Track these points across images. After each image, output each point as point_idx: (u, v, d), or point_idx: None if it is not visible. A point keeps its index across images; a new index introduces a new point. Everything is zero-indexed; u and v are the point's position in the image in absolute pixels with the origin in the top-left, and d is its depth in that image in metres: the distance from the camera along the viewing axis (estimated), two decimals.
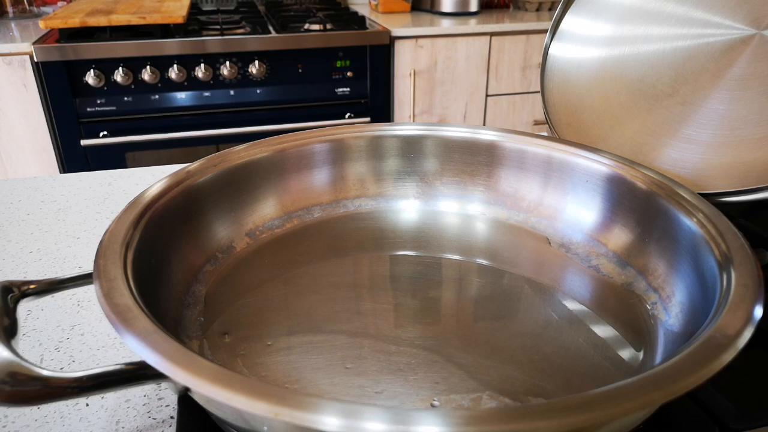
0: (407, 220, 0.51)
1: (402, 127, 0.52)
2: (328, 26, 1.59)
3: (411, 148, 0.52)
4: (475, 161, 0.51)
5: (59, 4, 1.89)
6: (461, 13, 1.83)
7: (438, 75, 1.70)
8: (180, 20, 1.46)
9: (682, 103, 0.47)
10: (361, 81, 1.63)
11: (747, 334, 0.26)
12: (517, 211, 0.50)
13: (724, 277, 0.31)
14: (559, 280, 0.43)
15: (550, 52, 0.57)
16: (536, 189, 0.49)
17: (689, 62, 0.47)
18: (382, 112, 1.69)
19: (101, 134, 1.50)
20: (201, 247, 0.43)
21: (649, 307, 0.39)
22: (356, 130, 0.52)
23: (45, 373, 0.25)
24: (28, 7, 1.82)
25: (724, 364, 0.24)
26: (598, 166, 0.45)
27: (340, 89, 1.63)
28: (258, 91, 1.57)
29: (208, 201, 0.44)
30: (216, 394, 0.22)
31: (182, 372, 0.23)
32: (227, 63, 1.51)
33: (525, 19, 1.77)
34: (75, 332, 0.42)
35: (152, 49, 1.45)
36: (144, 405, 0.36)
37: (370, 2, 2.00)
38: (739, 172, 0.43)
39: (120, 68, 1.45)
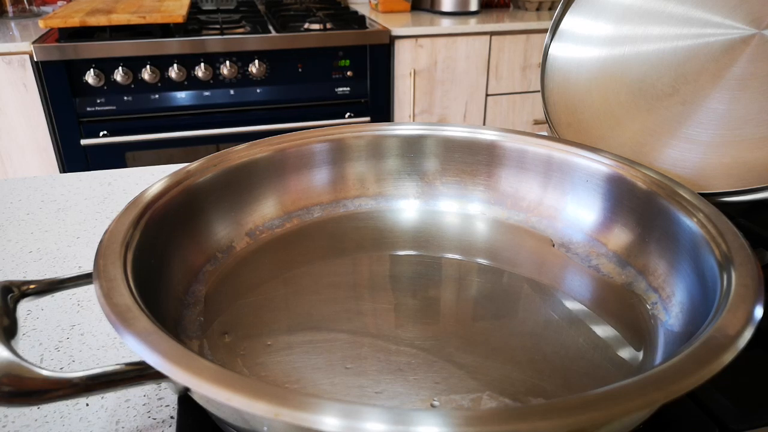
0: (407, 220, 0.51)
1: (402, 127, 0.52)
2: (328, 26, 1.58)
3: (411, 147, 0.52)
4: (475, 161, 0.51)
5: (59, 3, 1.89)
6: (461, 13, 1.83)
7: (438, 75, 1.69)
8: (180, 20, 1.46)
9: (682, 103, 0.47)
10: (361, 80, 1.63)
11: (747, 334, 0.26)
12: (517, 210, 0.50)
13: (725, 277, 0.31)
14: (559, 280, 0.43)
15: (550, 52, 0.57)
16: (536, 189, 0.49)
17: (689, 62, 0.47)
18: (382, 111, 1.69)
19: (101, 134, 1.50)
20: (201, 247, 0.43)
21: (649, 307, 0.39)
22: (356, 129, 0.52)
23: (45, 373, 0.25)
24: (27, 7, 1.82)
25: (724, 364, 0.24)
26: (598, 166, 0.45)
27: (340, 89, 1.63)
28: (258, 91, 1.56)
29: (208, 201, 0.44)
30: (216, 394, 0.22)
31: (182, 372, 0.23)
32: (227, 62, 1.51)
33: (525, 18, 1.76)
34: (75, 332, 0.42)
35: (152, 48, 1.45)
36: (144, 405, 0.36)
37: (370, 2, 2.00)
38: (739, 172, 0.43)
39: (120, 68, 1.45)
